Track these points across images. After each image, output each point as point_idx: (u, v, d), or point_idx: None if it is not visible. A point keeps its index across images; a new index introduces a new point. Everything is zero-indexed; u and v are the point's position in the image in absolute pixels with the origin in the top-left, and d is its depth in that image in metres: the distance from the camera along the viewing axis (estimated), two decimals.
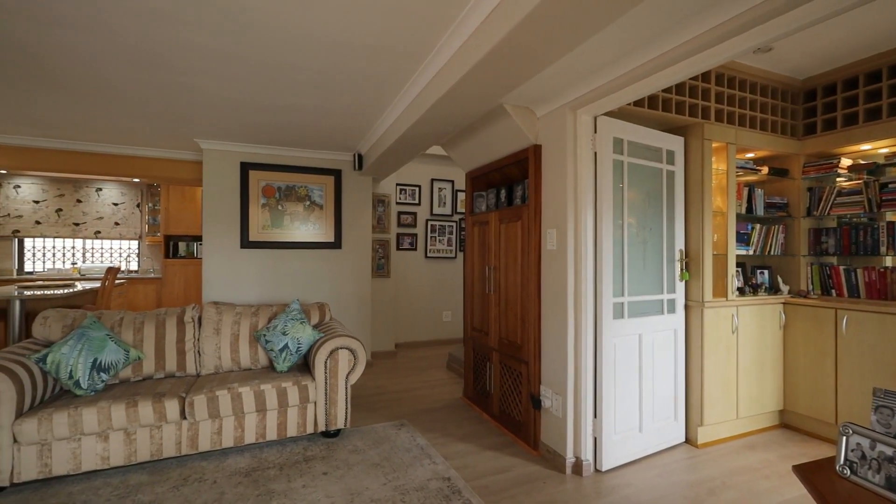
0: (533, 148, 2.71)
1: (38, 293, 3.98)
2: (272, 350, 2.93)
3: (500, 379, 3.11)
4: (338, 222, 4.39)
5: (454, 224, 5.83)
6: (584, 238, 2.45)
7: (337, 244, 4.39)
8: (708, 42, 1.71)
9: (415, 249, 5.61)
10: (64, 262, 6.33)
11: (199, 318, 3.05)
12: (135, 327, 2.84)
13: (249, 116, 3.21)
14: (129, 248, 6.61)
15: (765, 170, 3.10)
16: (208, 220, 3.97)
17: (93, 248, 6.47)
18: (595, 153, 2.47)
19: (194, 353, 2.94)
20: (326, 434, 2.85)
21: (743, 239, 3.05)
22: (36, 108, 3.12)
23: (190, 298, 6.29)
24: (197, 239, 6.45)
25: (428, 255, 5.67)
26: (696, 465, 2.55)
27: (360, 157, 4.14)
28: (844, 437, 1.34)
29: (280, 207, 4.19)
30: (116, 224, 6.43)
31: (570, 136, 2.48)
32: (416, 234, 5.61)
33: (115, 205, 6.43)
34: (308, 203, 4.30)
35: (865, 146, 2.89)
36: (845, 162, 2.99)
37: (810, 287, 3.09)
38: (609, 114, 2.53)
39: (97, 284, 4.83)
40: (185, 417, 2.46)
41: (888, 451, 1.27)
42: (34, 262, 6.18)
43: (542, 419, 2.68)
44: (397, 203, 5.53)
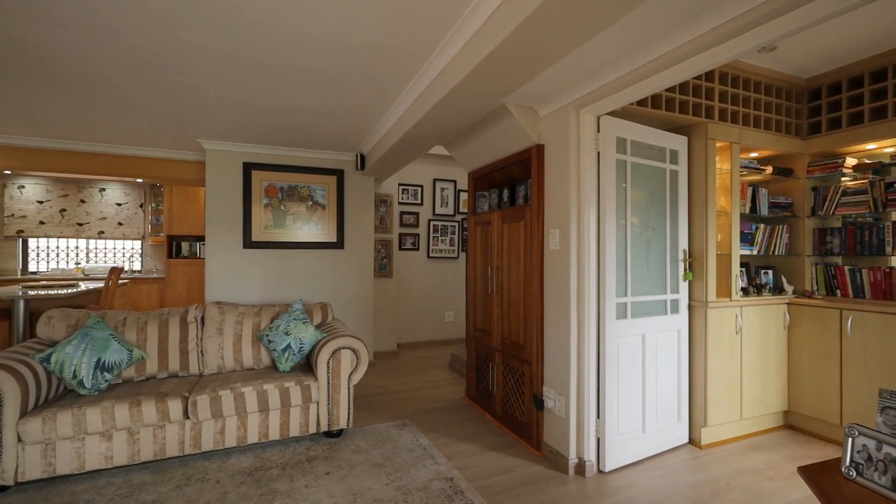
0: (536, 148, 2.70)
1: (42, 293, 4.00)
2: (275, 350, 2.93)
3: (502, 379, 3.11)
4: (340, 222, 4.39)
5: (456, 224, 5.83)
6: (587, 238, 2.44)
7: (339, 244, 4.39)
8: (711, 41, 1.71)
9: (417, 249, 5.61)
10: (68, 262, 6.36)
11: (202, 318, 3.06)
12: (138, 327, 2.85)
13: (252, 116, 3.22)
14: (133, 249, 6.64)
15: (769, 169, 3.08)
16: (211, 221, 3.98)
17: (96, 249, 6.50)
18: (598, 153, 2.46)
19: (197, 352, 2.95)
20: (329, 434, 2.85)
21: (747, 239, 3.04)
22: (40, 108, 3.13)
23: (193, 298, 6.30)
24: (200, 239, 6.47)
25: (430, 255, 5.67)
26: (700, 466, 2.54)
27: (363, 157, 4.14)
28: (850, 439, 1.33)
29: (282, 207, 4.20)
30: (120, 224, 6.45)
31: (573, 135, 2.47)
32: (418, 234, 5.61)
33: (119, 205, 6.45)
34: (310, 203, 4.30)
35: (871, 145, 2.87)
36: (850, 161, 2.97)
37: (815, 287, 3.08)
38: (612, 113, 2.52)
39: (101, 284, 4.85)
40: (189, 417, 2.47)
41: (895, 452, 1.26)
42: (38, 262, 6.21)
43: (545, 420, 2.68)
44: (399, 203, 5.53)
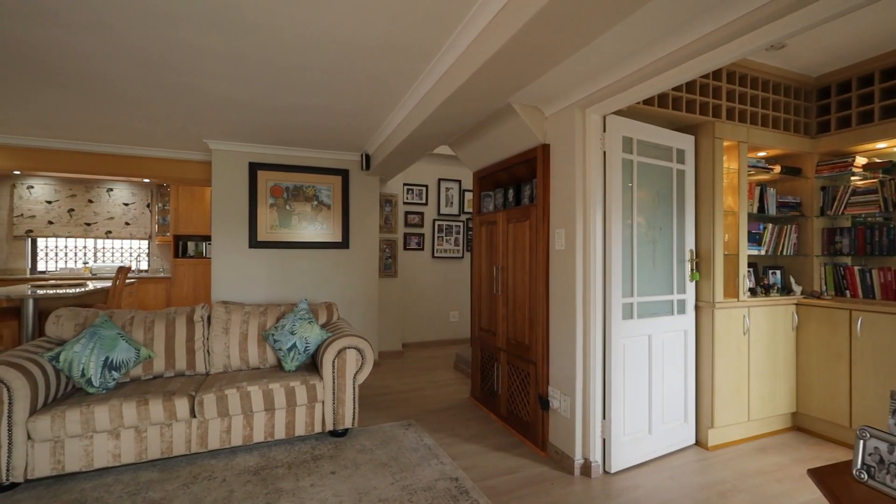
0: (541, 147, 2.69)
1: (51, 292, 4.04)
2: (280, 349, 2.94)
3: (507, 379, 3.10)
4: (345, 222, 4.40)
5: (461, 224, 5.82)
6: (593, 238, 2.43)
7: (344, 244, 4.40)
8: (719, 40, 1.69)
9: (422, 249, 5.61)
10: (76, 262, 6.42)
11: (209, 318, 3.08)
12: (145, 326, 2.87)
13: (257, 117, 3.23)
14: (140, 248, 6.69)
15: (777, 169, 3.06)
16: (217, 220, 4.00)
17: (104, 248, 6.55)
18: (604, 152, 2.45)
19: (204, 351, 2.96)
20: (334, 433, 2.86)
21: (755, 239, 3.01)
22: (48, 110, 3.16)
23: (199, 298, 6.34)
24: (206, 239, 6.51)
25: (435, 254, 5.67)
26: (707, 467, 2.52)
27: (368, 157, 4.14)
28: (862, 441, 1.31)
29: (288, 207, 4.21)
30: (127, 224, 6.50)
31: (579, 135, 2.46)
32: (423, 234, 5.61)
33: (126, 205, 6.50)
34: (316, 203, 4.31)
35: (881, 144, 2.84)
36: (860, 160, 2.94)
37: (824, 288, 3.04)
38: (618, 112, 2.50)
39: (108, 284, 4.89)
40: (195, 416, 2.49)
41: None
42: (47, 262, 6.27)
43: (551, 420, 2.67)
44: (404, 203, 5.53)
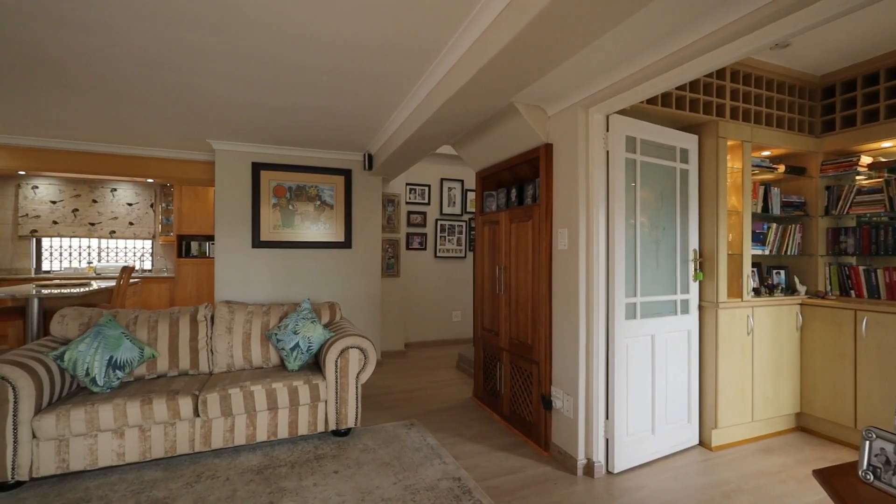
0: (544, 147, 2.69)
1: (56, 292, 4.06)
2: (283, 349, 2.95)
3: (510, 379, 3.10)
4: (348, 222, 4.41)
5: (464, 224, 5.82)
6: (596, 238, 2.43)
7: (347, 244, 4.41)
8: (723, 39, 1.68)
9: (424, 249, 5.61)
10: (80, 262, 6.45)
11: (212, 317, 3.09)
12: (149, 326, 2.88)
13: (260, 117, 3.23)
14: (143, 248, 6.71)
15: (781, 168, 3.04)
16: (220, 220, 4.01)
17: (108, 248, 6.58)
18: (607, 152, 2.44)
19: (207, 351, 2.97)
20: (337, 433, 2.86)
21: (759, 238, 3.00)
22: (52, 110, 3.18)
23: (202, 297, 6.36)
24: (209, 239, 6.52)
25: (437, 254, 5.67)
26: (711, 468, 2.51)
27: (371, 157, 4.15)
28: (867, 442, 1.30)
29: (291, 207, 4.22)
30: (131, 224, 6.53)
31: (582, 134, 2.45)
32: (425, 234, 5.61)
33: (130, 205, 6.53)
34: (318, 203, 4.32)
35: (887, 143, 2.82)
36: (865, 160, 2.92)
37: (828, 288, 3.03)
38: (622, 112, 2.50)
39: (112, 283, 4.91)
40: (199, 415, 2.49)
41: None
42: (51, 262, 6.30)
43: (553, 420, 2.66)
44: (407, 203, 5.53)
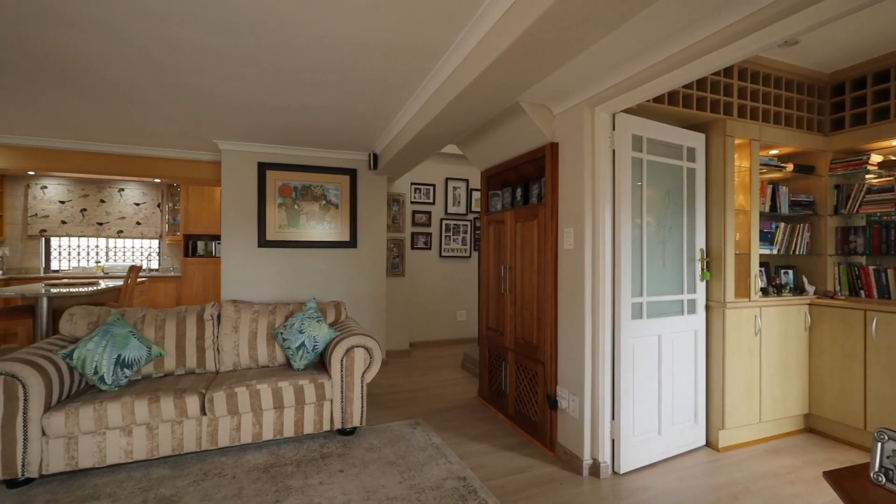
0: (550, 146, 2.68)
1: (65, 291, 4.10)
2: (289, 348, 2.96)
3: (515, 379, 3.09)
4: (353, 221, 4.42)
5: (469, 223, 5.81)
6: (602, 237, 2.41)
7: (352, 243, 4.42)
8: (730, 37, 1.67)
9: (429, 249, 5.61)
10: (88, 261, 6.51)
11: (218, 316, 3.10)
12: (156, 324, 2.90)
13: (265, 117, 3.25)
14: (150, 247, 6.76)
15: (790, 167, 3.01)
16: (226, 220, 4.03)
17: (115, 247, 6.63)
18: (613, 151, 2.43)
19: (213, 350, 2.99)
20: (342, 432, 2.87)
21: (767, 238, 2.97)
22: (59, 111, 3.20)
23: (208, 297, 6.40)
24: (215, 238, 6.56)
25: (442, 254, 5.66)
26: (718, 469, 2.49)
27: (376, 157, 4.15)
28: (879, 444, 1.29)
29: (296, 207, 4.24)
30: (138, 223, 6.58)
31: (588, 133, 2.44)
32: (430, 234, 5.61)
33: (137, 205, 6.58)
34: (324, 202, 4.33)
35: None
36: (875, 158, 2.89)
37: (837, 288, 3.00)
38: (628, 111, 2.48)
39: (120, 282, 4.95)
40: (205, 413, 2.51)
41: None
42: (60, 261, 6.36)
43: (559, 420, 2.66)
44: (412, 202, 5.53)
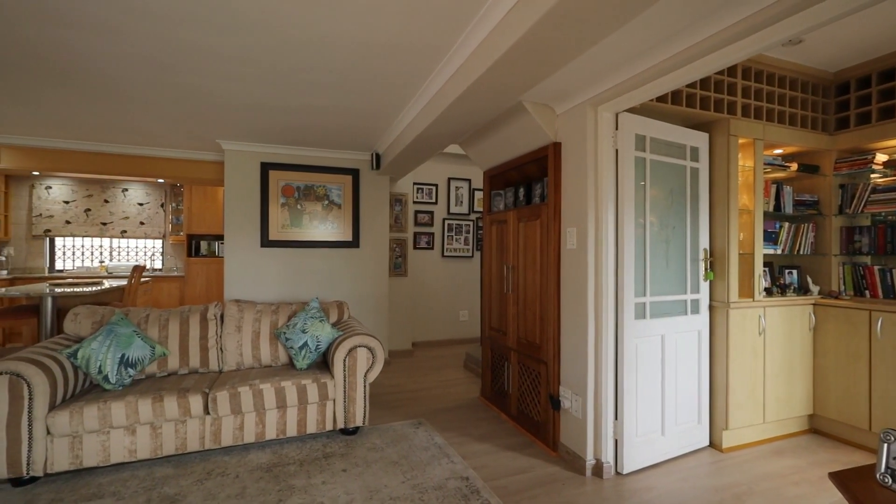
0: (552, 145, 2.68)
1: (69, 290, 4.12)
2: (292, 348, 2.96)
3: (518, 379, 3.09)
4: (356, 221, 4.42)
5: (471, 223, 5.81)
6: (605, 237, 2.41)
7: (355, 243, 4.42)
8: (735, 35, 1.66)
9: (432, 248, 5.61)
10: (92, 261, 6.54)
11: (222, 316, 3.11)
12: (160, 324, 2.91)
13: (268, 117, 3.25)
14: (154, 247, 6.79)
15: (794, 166, 3.00)
16: (229, 220, 4.04)
17: (119, 247, 6.66)
18: (616, 150, 2.43)
19: (217, 349, 3.00)
20: (345, 431, 2.87)
21: (771, 238, 2.96)
22: (62, 111, 3.22)
23: (211, 296, 6.42)
24: (218, 238, 6.58)
25: (445, 254, 5.66)
26: (721, 469, 2.48)
27: (378, 157, 4.15)
28: (886, 444, 1.28)
29: (299, 207, 4.24)
30: (141, 223, 6.60)
31: (591, 133, 2.44)
32: (433, 234, 5.61)
33: (141, 205, 6.60)
34: (326, 202, 4.34)
35: None
36: (880, 157, 2.87)
37: (842, 288, 2.98)
38: (631, 110, 2.48)
39: (124, 282, 4.97)
40: (209, 413, 2.52)
41: None
42: (64, 261, 6.39)
43: (562, 420, 2.65)
44: (414, 202, 5.53)
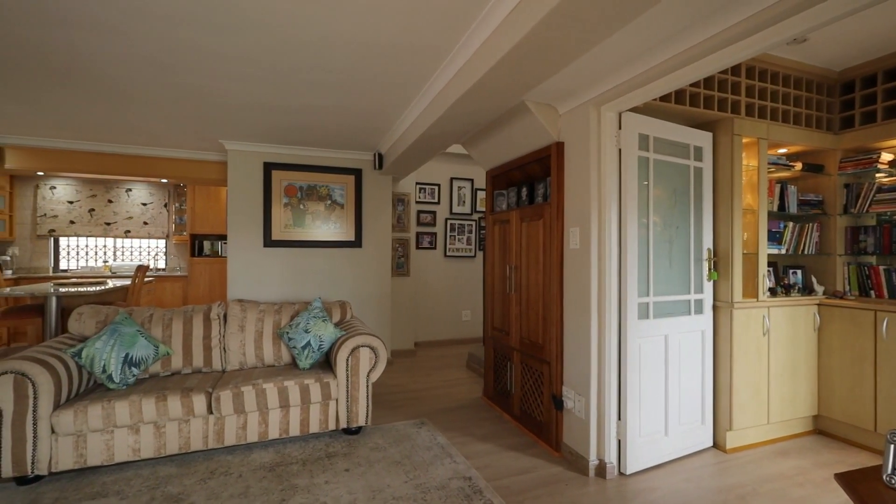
0: (555, 145, 2.67)
1: (73, 290, 4.13)
2: (295, 347, 2.97)
3: (520, 379, 3.08)
4: (358, 221, 4.42)
5: (473, 223, 5.81)
6: (608, 237, 2.40)
7: (357, 243, 4.42)
8: (739, 34, 1.65)
9: (434, 248, 5.61)
10: (96, 261, 6.56)
11: (225, 316, 3.12)
12: (163, 324, 2.92)
13: (271, 117, 3.26)
14: (157, 247, 6.81)
15: (798, 166, 2.98)
16: (233, 220, 4.05)
17: (123, 247, 6.69)
18: (619, 150, 2.42)
19: (220, 349, 3.01)
20: (348, 431, 2.87)
21: (775, 237, 2.95)
22: (63, 110, 3.23)
23: (214, 296, 6.43)
24: (221, 238, 6.60)
25: (447, 254, 5.66)
26: (725, 470, 2.47)
27: (381, 157, 4.16)
28: (892, 446, 1.27)
29: (302, 207, 4.25)
30: (145, 223, 6.63)
31: (594, 132, 2.43)
32: (435, 233, 5.61)
33: (144, 205, 6.63)
34: (329, 202, 4.34)
35: None
36: (886, 157, 2.85)
37: (847, 288, 2.96)
38: (634, 109, 2.47)
39: (128, 282, 4.99)
40: (212, 412, 2.52)
41: None
42: (68, 261, 6.42)
43: (565, 420, 2.65)
44: (417, 202, 5.54)
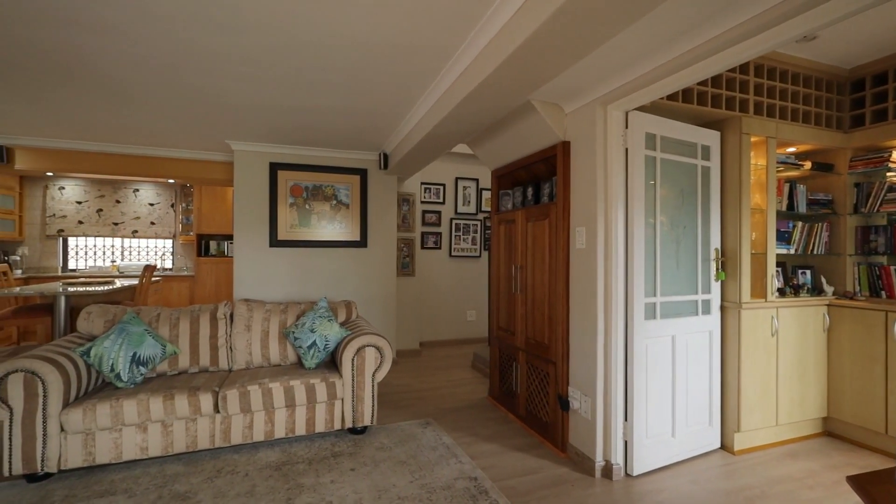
0: (561, 145, 2.66)
1: (82, 290, 4.17)
2: (301, 347, 2.98)
3: (526, 379, 3.08)
4: (363, 221, 4.43)
5: (479, 223, 5.80)
6: (615, 237, 2.39)
7: (363, 243, 4.43)
8: (747, 32, 1.64)
9: (439, 248, 5.61)
10: (104, 260, 6.63)
11: (231, 315, 3.13)
12: (171, 323, 2.94)
13: (277, 118, 3.27)
14: (164, 247, 6.86)
15: (807, 165, 2.95)
16: (239, 220, 4.08)
17: (130, 247, 6.74)
18: (626, 149, 2.40)
19: (226, 348, 3.02)
20: (353, 431, 2.88)
21: (784, 237, 2.92)
22: (68, 111, 3.26)
23: (221, 296, 6.47)
24: (228, 238, 6.63)
25: (452, 253, 5.66)
26: (733, 472, 2.45)
27: (386, 157, 4.16)
28: None
29: (307, 207, 4.26)
30: (152, 223, 6.68)
31: (600, 132, 2.42)
32: (440, 233, 5.61)
33: (151, 205, 6.68)
34: (334, 202, 4.35)
35: None
36: None
37: (857, 288, 2.93)
38: (641, 108, 2.45)
39: (135, 281, 5.03)
40: (219, 411, 2.53)
41: None
42: (77, 260, 6.49)
43: (571, 421, 2.63)
44: (422, 202, 5.54)
